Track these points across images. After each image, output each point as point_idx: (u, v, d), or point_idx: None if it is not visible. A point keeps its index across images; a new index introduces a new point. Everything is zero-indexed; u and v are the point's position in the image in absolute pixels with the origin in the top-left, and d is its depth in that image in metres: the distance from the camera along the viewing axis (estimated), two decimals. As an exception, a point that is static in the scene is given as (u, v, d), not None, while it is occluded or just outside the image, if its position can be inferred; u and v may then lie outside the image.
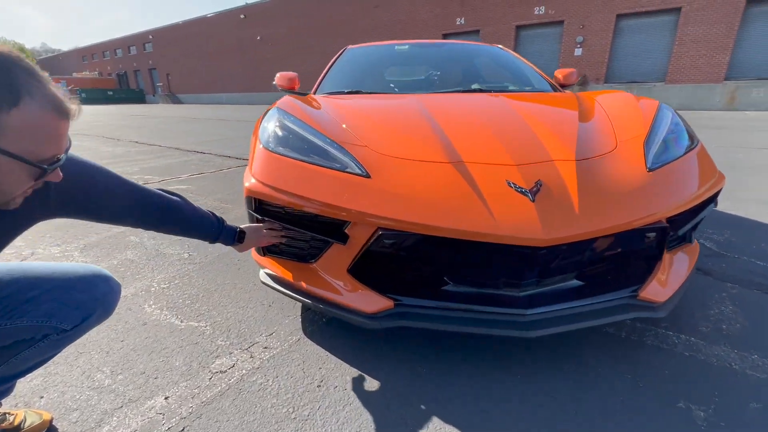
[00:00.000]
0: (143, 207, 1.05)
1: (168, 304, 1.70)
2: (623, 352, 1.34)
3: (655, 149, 1.38)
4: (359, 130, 1.53)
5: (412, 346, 1.39)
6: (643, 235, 1.21)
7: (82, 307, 0.92)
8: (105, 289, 0.97)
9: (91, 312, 0.94)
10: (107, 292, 0.97)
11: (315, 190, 1.26)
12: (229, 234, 1.28)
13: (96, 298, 0.94)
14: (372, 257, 1.25)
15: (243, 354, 1.36)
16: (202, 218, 1.22)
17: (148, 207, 1.07)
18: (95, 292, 0.95)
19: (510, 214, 1.09)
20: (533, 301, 1.22)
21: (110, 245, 2.37)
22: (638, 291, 1.26)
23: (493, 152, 1.33)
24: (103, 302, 0.96)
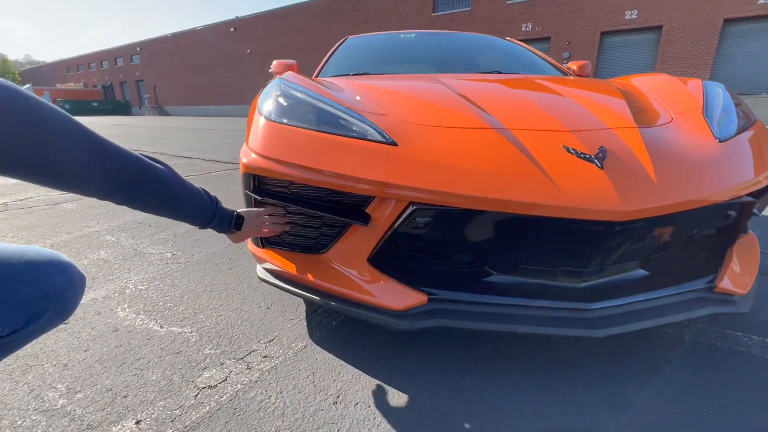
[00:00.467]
0: (113, 169, 0.74)
1: (146, 307, 1.43)
2: (696, 357, 1.13)
3: (717, 121, 1.21)
4: (377, 101, 1.32)
5: (446, 352, 1.15)
6: (725, 212, 1.02)
7: (27, 305, 0.66)
8: (62, 282, 0.71)
9: (41, 312, 0.68)
10: (64, 287, 0.72)
11: (330, 161, 1.03)
12: (224, 217, 1.01)
13: (48, 294, 0.69)
14: (400, 241, 1.03)
15: (237, 365, 1.10)
16: (192, 194, 0.92)
17: (120, 170, 0.75)
18: (48, 286, 0.69)
19: (576, 183, 0.89)
20: (596, 293, 1.00)
21: (82, 245, 2.09)
22: (715, 281, 1.06)
23: (537, 119, 1.13)
24: (58, 299, 0.71)
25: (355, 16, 22.65)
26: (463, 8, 20.18)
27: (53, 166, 0.66)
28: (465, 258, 1.04)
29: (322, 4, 25.13)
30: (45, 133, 0.64)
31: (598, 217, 0.85)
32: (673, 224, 0.99)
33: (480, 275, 1.03)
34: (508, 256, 1.02)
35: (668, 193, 0.90)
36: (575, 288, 1.01)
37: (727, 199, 0.98)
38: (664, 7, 15.57)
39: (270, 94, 1.33)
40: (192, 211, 0.93)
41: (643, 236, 0.98)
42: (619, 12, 16.50)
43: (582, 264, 0.98)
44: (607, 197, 0.85)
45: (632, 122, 1.11)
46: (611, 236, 0.91)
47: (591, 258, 0.96)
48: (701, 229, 1.06)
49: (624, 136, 1.04)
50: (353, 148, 1.04)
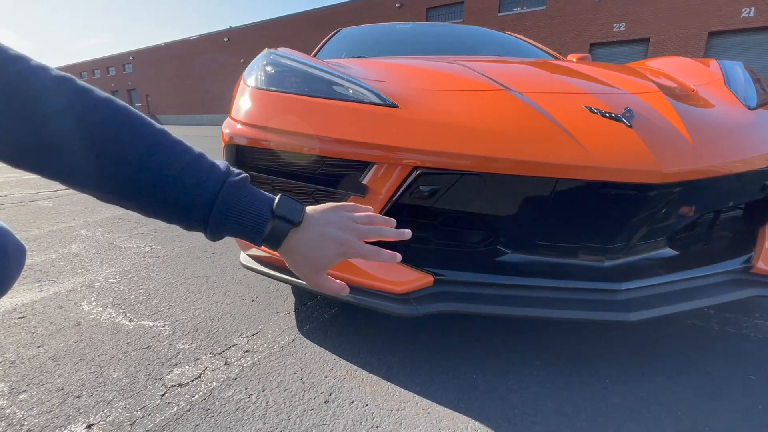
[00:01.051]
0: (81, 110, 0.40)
1: (115, 300, 1.28)
2: (729, 348, 1.01)
3: (743, 91, 1.12)
4: (374, 71, 1.21)
5: (452, 343, 1.02)
6: (763, 182, 0.91)
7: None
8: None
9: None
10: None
11: (323, 125, 0.91)
12: (245, 206, 0.46)
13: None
14: (402, 215, 0.90)
15: (214, 360, 0.96)
16: (198, 159, 0.46)
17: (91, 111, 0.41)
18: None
19: (603, 143, 0.78)
20: (623, 273, 0.89)
21: (53, 239, 1.92)
22: (751, 261, 0.95)
23: (553, 84, 1.03)
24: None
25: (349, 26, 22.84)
26: (455, 20, 20.48)
27: None
28: (475, 233, 0.92)
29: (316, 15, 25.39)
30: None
31: (634, 178, 0.74)
32: (708, 193, 0.88)
33: (492, 253, 0.91)
34: (524, 230, 0.90)
35: (707, 155, 0.80)
36: (600, 267, 0.89)
37: (766, 166, 0.87)
38: (651, 20, 15.95)
39: (257, 64, 1.21)
40: (195, 182, 0.44)
41: (677, 206, 0.87)
42: (608, 24, 16.87)
43: (608, 239, 0.86)
44: (641, 157, 0.74)
45: (655, 88, 1.02)
46: (643, 204, 0.79)
47: (618, 232, 0.85)
48: (736, 202, 0.96)
49: (649, 100, 0.94)
50: (349, 112, 0.93)
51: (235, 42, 29.76)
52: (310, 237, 0.48)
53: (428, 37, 2.41)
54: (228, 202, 0.45)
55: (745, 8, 14.26)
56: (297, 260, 0.50)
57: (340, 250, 0.49)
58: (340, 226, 0.50)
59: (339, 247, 0.49)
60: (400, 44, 2.32)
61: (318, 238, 0.48)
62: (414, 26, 2.55)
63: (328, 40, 2.56)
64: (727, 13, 14.50)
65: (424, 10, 21.02)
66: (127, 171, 0.42)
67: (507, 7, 19.09)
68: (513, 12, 18.95)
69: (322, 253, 0.48)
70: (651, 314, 0.82)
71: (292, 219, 0.47)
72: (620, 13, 16.37)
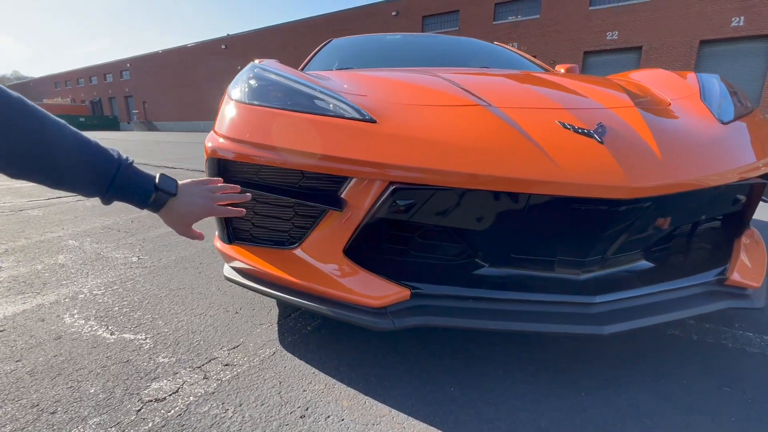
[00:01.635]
0: None
1: (98, 313, 1.27)
2: (707, 359, 1.02)
3: (717, 105, 1.14)
4: (356, 85, 1.23)
5: (431, 355, 1.02)
6: (734, 195, 0.93)
7: None
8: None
9: None
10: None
11: (302, 140, 0.93)
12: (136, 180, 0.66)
13: None
14: (380, 228, 0.92)
15: (193, 374, 0.96)
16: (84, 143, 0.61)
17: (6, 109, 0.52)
18: None
19: (575, 158, 0.79)
20: (598, 286, 0.90)
21: (40, 249, 1.92)
22: (725, 274, 0.96)
23: (529, 99, 1.05)
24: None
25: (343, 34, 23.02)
26: (451, 28, 20.72)
27: None
28: (452, 247, 0.93)
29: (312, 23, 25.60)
30: None
31: (603, 194, 0.75)
32: (680, 207, 0.90)
33: (469, 267, 0.92)
34: (501, 244, 0.91)
35: (676, 170, 0.81)
36: (575, 280, 0.90)
37: (736, 180, 0.89)
38: (644, 29, 16.19)
39: (241, 78, 1.23)
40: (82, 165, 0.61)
41: (649, 220, 0.88)
42: (601, 33, 17.10)
43: (583, 252, 0.87)
44: (611, 172, 0.76)
45: (630, 102, 1.04)
46: (615, 218, 0.81)
47: (592, 245, 0.86)
48: (708, 215, 0.97)
49: (623, 114, 0.96)
50: (328, 127, 0.94)
51: (232, 49, 29.92)
52: (183, 203, 0.71)
53: (417, 49, 2.44)
54: (124, 179, 0.65)
55: (735, 18, 14.52)
56: (173, 218, 0.72)
57: (203, 211, 0.73)
58: (202, 195, 0.74)
59: (202, 209, 0.73)
60: (390, 55, 2.34)
61: (188, 204, 0.72)
62: (403, 37, 2.59)
63: (319, 50, 2.59)
64: (717, 22, 14.76)
65: (420, 18, 21.26)
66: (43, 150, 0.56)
67: (501, 16, 19.33)
68: (507, 21, 19.19)
69: (191, 213, 0.73)
70: (625, 327, 0.83)
71: (171, 191, 0.69)
72: (613, 22, 16.62)
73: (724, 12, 14.72)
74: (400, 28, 21.67)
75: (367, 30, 22.48)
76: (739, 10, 14.56)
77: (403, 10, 21.72)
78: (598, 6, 17.07)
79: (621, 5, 16.59)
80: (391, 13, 22.01)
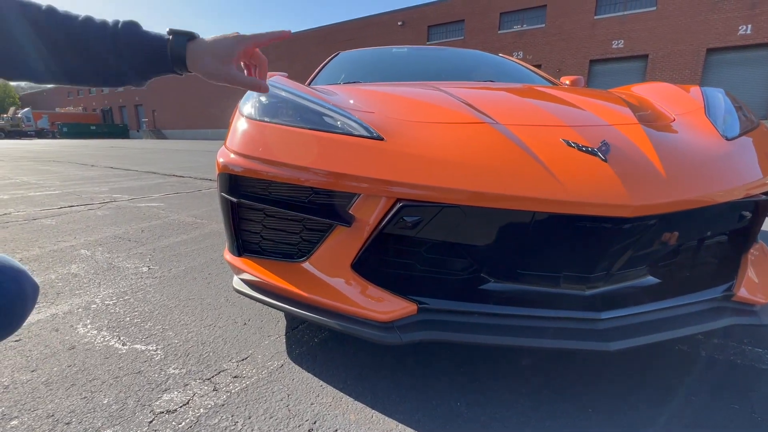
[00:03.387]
0: None
1: (110, 323, 1.30)
2: (715, 375, 1.02)
3: (721, 121, 1.15)
4: (364, 101, 1.25)
5: (438, 369, 1.03)
6: (739, 212, 0.94)
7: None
8: (12, 292, 0.62)
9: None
10: (14, 299, 0.62)
11: (311, 157, 0.95)
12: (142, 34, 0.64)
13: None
14: (387, 243, 0.93)
15: (203, 386, 0.97)
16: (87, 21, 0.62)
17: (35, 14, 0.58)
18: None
19: (579, 177, 0.80)
20: (604, 302, 0.90)
21: (53, 259, 1.96)
22: (732, 290, 0.96)
23: (534, 115, 1.07)
24: (6, 313, 0.61)
25: (352, 44, 23.37)
26: (456, 38, 20.90)
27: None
28: (458, 262, 0.94)
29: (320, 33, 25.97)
30: None
31: (606, 212, 0.77)
32: (685, 224, 0.90)
33: (475, 282, 0.93)
34: (506, 259, 0.92)
35: (679, 188, 0.82)
36: (581, 296, 0.91)
37: (741, 197, 0.90)
38: (649, 38, 16.21)
39: (252, 94, 1.26)
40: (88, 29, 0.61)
41: (654, 237, 0.89)
42: (606, 41, 17.15)
43: (588, 269, 0.88)
44: (614, 191, 0.77)
45: (634, 119, 1.05)
46: (619, 236, 0.82)
47: (598, 261, 0.87)
48: (714, 232, 0.98)
49: (627, 132, 0.97)
50: (336, 144, 0.96)
51: (240, 59, 30.39)
52: (208, 42, 0.65)
53: (423, 62, 2.47)
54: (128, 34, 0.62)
55: (742, 26, 14.50)
56: (207, 61, 0.65)
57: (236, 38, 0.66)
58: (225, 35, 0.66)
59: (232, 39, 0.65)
60: (396, 69, 2.39)
61: (212, 41, 0.65)
62: (410, 50, 2.63)
63: (328, 62, 2.64)
64: (724, 30, 14.75)
65: (426, 27, 21.50)
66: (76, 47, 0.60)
67: (506, 25, 19.49)
68: (512, 30, 19.33)
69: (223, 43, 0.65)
70: (631, 344, 0.83)
71: (186, 33, 0.65)
72: (618, 31, 16.67)
73: (731, 20, 14.70)
74: (406, 38, 21.91)
75: (374, 39, 22.76)
76: (746, 18, 14.53)
77: (408, 20, 21.98)
78: (603, 15, 17.15)
79: (626, 14, 16.65)
80: (397, 23, 22.28)
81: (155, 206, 3.35)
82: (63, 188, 4.33)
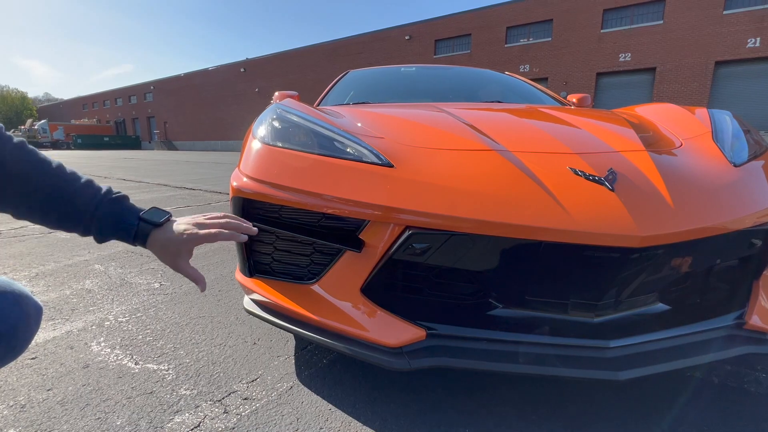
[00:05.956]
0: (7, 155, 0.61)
1: (123, 341, 1.32)
2: (728, 404, 1.00)
3: (729, 146, 1.15)
4: (374, 125, 1.28)
5: (445, 395, 1.03)
6: (750, 240, 0.93)
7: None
8: (14, 316, 0.63)
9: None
10: (17, 323, 0.63)
11: (323, 183, 0.98)
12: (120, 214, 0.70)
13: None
14: (395, 269, 0.95)
15: (214, 408, 0.99)
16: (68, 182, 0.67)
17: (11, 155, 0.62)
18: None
19: (585, 206, 0.82)
20: (613, 330, 0.90)
21: (68, 274, 2.00)
22: (744, 317, 0.96)
23: (541, 142, 1.08)
24: (10, 337, 0.62)
25: (360, 57, 23.77)
26: (463, 51, 21.14)
27: None
28: (466, 289, 0.95)
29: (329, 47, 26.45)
30: None
31: (612, 242, 0.77)
32: (693, 253, 0.90)
33: (483, 308, 0.94)
34: (514, 286, 0.93)
35: (687, 218, 0.83)
36: (589, 323, 0.91)
37: (751, 226, 0.90)
38: (657, 50, 16.23)
39: (265, 119, 1.30)
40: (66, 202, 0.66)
41: (663, 266, 0.89)
42: (613, 54, 17.20)
43: (596, 296, 0.88)
44: (620, 221, 0.78)
45: (641, 146, 1.06)
46: (627, 265, 0.82)
47: (605, 289, 0.87)
48: (724, 259, 0.97)
49: (634, 159, 0.98)
50: (347, 170, 0.99)
51: (250, 72, 31.05)
52: (166, 231, 0.71)
53: (431, 81, 2.52)
54: (105, 213, 0.68)
55: (751, 38, 14.46)
56: (159, 250, 0.71)
57: (185, 238, 0.70)
58: (187, 222, 0.73)
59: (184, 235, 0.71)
60: (405, 88, 2.43)
61: (170, 232, 0.71)
62: (418, 69, 2.68)
63: (338, 81, 2.70)
64: (732, 43, 14.72)
65: (433, 41, 21.80)
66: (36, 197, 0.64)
67: (513, 39, 19.68)
68: (519, 43, 19.51)
69: (171, 241, 0.70)
70: (641, 373, 0.83)
71: (154, 221, 0.70)
72: (625, 44, 16.73)
73: (740, 33, 14.68)
74: (413, 52, 22.21)
75: (382, 53, 23.11)
76: (754, 31, 14.51)
77: (416, 35, 22.31)
78: (609, 29, 17.24)
79: (633, 28, 16.72)
80: (404, 37, 22.63)
81: (166, 220, 3.40)
82: (77, 201, 4.42)
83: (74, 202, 0.66)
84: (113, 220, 0.69)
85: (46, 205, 0.65)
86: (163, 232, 0.71)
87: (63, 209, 0.66)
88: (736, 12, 14.59)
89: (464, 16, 20.67)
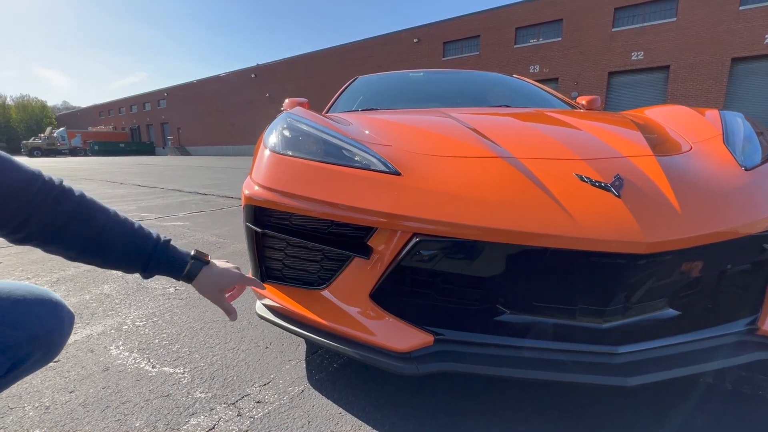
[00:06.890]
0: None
1: (140, 345, 1.37)
2: (742, 412, 0.99)
3: (740, 149, 1.14)
4: (381, 133, 1.31)
5: (454, 399, 1.04)
6: (760, 245, 0.93)
7: (12, 349, 0.62)
8: (50, 323, 0.68)
9: (26, 356, 0.65)
10: (52, 329, 0.68)
11: (331, 192, 1.00)
12: (173, 255, 0.80)
13: (35, 336, 0.65)
14: (403, 275, 0.96)
15: (227, 411, 1.02)
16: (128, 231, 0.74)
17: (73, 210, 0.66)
18: (35, 328, 0.65)
19: (591, 213, 0.82)
20: (622, 335, 0.90)
21: (87, 279, 2.07)
22: (756, 323, 0.95)
23: (548, 148, 1.09)
24: (45, 342, 0.67)
25: (370, 61, 23.89)
26: (472, 53, 21.07)
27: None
28: (474, 294, 0.96)
29: (338, 51, 26.65)
30: None
31: (619, 249, 0.78)
32: (703, 258, 0.90)
33: (491, 314, 0.95)
34: (521, 292, 0.94)
35: (695, 223, 0.83)
36: (598, 329, 0.91)
37: (761, 231, 0.89)
38: (670, 48, 15.94)
39: (276, 128, 1.33)
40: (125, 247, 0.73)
41: (671, 271, 0.89)
42: (625, 53, 16.94)
43: (604, 302, 0.89)
44: (626, 228, 0.78)
45: (649, 150, 1.06)
46: (634, 271, 0.83)
47: (613, 295, 0.87)
48: (735, 265, 0.96)
49: (641, 164, 0.98)
50: (355, 179, 1.01)
51: (261, 78, 31.48)
52: (215, 270, 0.85)
53: (439, 86, 2.53)
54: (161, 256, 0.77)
55: (768, 34, 14.09)
56: (207, 285, 0.84)
57: (235, 277, 0.89)
58: (233, 267, 0.91)
59: (234, 275, 0.89)
60: (413, 93, 2.45)
61: (221, 270, 0.87)
62: (426, 74, 2.70)
63: (347, 87, 2.73)
64: (749, 39, 14.37)
65: (441, 44, 21.80)
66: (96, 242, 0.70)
67: (523, 40, 19.55)
68: (529, 44, 19.37)
69: (223, 277, 0.86)
70: (650, 379, 0.83)
71: (203, 259, 0.84)
72: (637, 43, 16.47)
73: (756, 29, 14.33)
74: (422, 54, 22.23)
75: (391, 56, 23.20)
76: (772, 26, 14.12)
77: (424, 37, 22.34)
78: (621, 27, 17.00)
79: (645, 26, 16.46)
80: (413, 40, 22.68)
81: (180, 225, 3.49)
82: (95, 207, 4.54)
83: (134, 247, 0.74)
84: (168, 260, 0.79)
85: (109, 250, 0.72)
86: (210, 269, 0.84)
87: (125, 255, 0.74)
88: (753, 7, 14.24)
89: (473, 18, 20.62)
